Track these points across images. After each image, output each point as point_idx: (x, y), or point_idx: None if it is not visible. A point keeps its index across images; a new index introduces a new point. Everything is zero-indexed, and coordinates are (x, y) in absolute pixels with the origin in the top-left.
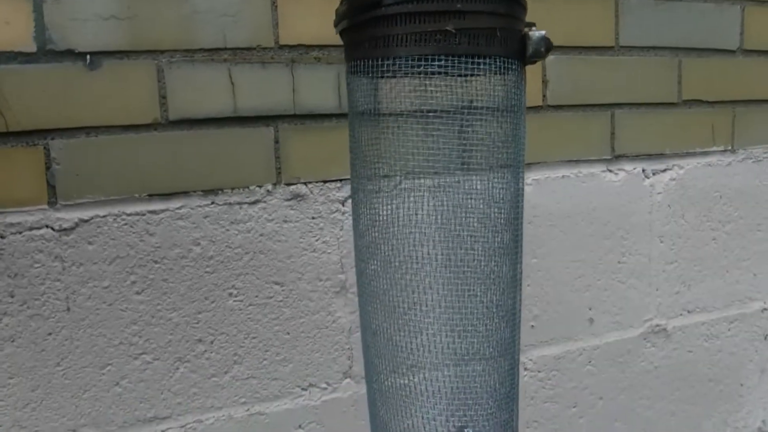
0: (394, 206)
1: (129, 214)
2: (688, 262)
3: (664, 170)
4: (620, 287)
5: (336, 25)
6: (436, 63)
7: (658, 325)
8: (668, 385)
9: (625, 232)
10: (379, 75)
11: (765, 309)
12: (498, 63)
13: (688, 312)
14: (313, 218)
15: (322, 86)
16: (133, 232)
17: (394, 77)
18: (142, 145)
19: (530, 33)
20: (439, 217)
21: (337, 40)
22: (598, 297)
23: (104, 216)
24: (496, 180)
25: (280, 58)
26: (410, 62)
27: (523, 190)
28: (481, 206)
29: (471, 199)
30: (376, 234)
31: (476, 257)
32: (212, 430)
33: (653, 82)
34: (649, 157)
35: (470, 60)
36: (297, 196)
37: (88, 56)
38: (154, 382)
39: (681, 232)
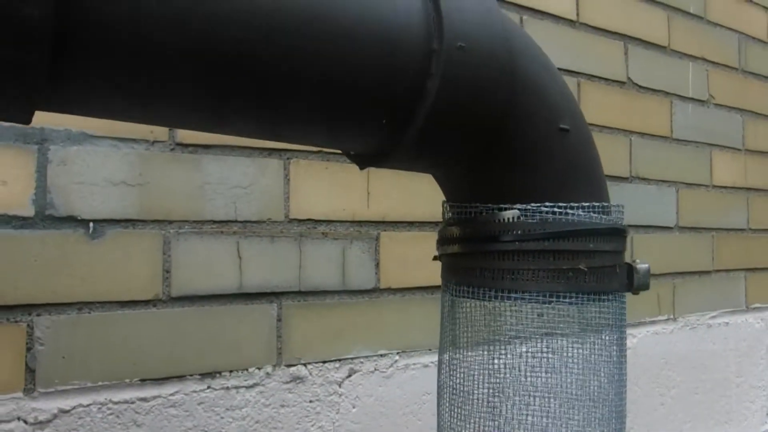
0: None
1: (116, 402)
2: (641, 428)
3: None
4: None
5: (443, 245)
6: (566, 300)
7: None
8: None
9: None
10: (497, 299)
11: None
12: (617, 297)
13: None
14: (311, 401)
15: (327, 262)
16: (119, 423)
17: (512, 300)
18: (139, 324)
19: (637, 266)
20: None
21: (344, 215)
22: None
23: (88, 405)
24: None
25: (289, 232)
26: (539, 296)
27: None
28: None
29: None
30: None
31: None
32: None
33: None
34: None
35: (597, 297)
36: (296, 378)
37: (91, 224)
38: None
39: (635, 398)
